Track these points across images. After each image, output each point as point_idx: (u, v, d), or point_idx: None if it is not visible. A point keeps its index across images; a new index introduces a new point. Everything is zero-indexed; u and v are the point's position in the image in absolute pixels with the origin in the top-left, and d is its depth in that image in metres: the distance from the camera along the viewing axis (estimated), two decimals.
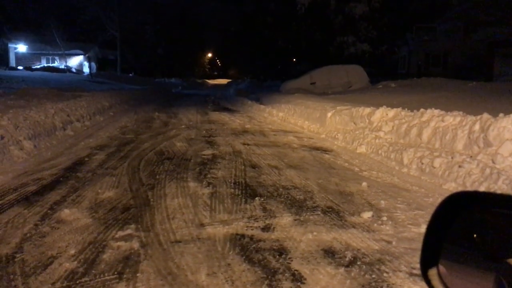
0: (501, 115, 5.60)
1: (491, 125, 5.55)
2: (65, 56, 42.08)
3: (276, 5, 33.94)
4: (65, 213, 4.05)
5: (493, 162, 5.17)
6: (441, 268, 0.89)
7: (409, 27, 29.24)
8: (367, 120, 8.51)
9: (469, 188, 5.07)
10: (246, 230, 3.77)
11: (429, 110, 7.05)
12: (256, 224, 3.91)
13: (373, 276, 2.95)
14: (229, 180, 5.48)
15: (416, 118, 7.15)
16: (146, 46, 47.00)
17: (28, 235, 3.53)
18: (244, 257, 3.20)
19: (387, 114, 8.11)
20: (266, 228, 3.82)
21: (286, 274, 2.94)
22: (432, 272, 0.88)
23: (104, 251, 3.25)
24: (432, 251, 0.90)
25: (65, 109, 9.66)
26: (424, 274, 0.90)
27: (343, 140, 8.61)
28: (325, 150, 7.85)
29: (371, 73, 21.58)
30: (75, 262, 3.04)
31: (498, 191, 4.75)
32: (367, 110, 8.72)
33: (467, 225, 0.90)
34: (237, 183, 5.35)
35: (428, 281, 0.89)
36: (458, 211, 0.89)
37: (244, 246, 3.41)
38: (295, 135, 9.64)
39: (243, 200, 4.66)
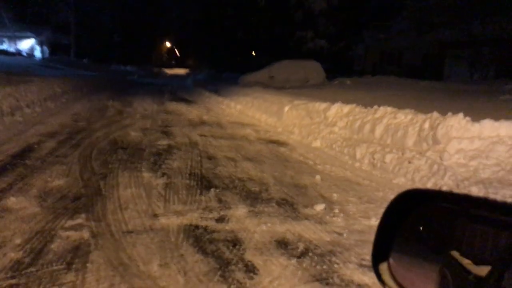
0: (449, 114, 5.84)
1: (440, 123, 5.79)
2: (15, 38, 40.15)
3: None
4: (11, 201, 3.89)
5: (441, 159, 5.40)
6: (391, 262, 0.92)
7: (366, 25, 29.87)
8: (322, 115, 8.66)
9: (417, 183, 5.27)
10: (201, 221, 3.76)
11: (382, 107, 7.26)
12: (210, 215, 3.91)
13: (324, 267, 3.02)
14: (185, 171, 5.44)
15: (369, 115, 7.34)
16: (102, 31, 45.58)
17: None
18: (197, 248, 3.19)
19: (342, 110, 8.28)
20: (220, 219, 3.83)
21: (239, 265, 2.96)
22: (383, 267, 0.91)
23: (53, 241, 3.15)
24: (383, 246, 0.93)
25: (13, 93, 9.22)
26: (375, 268, 0.92)
27: (299, 134, 8.72)
28: (281, 144, 7.92)
29: (328, 69, 21.89)
30: (21, 252, 2.94)
31: (445, 187, 4.97)
32: (323, 105, 8.87)
33: (416, 220, 0.94)
34: (193, 174, 5.32)
35: (378, 275, 0.92)
36: (408, 207, 0.93)
37: (198, 237, 3.40)
38: (253, 128, 9.67)
39: (198, 191, 4.64)
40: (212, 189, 4.71)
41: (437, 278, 0.88)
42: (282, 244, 3.36)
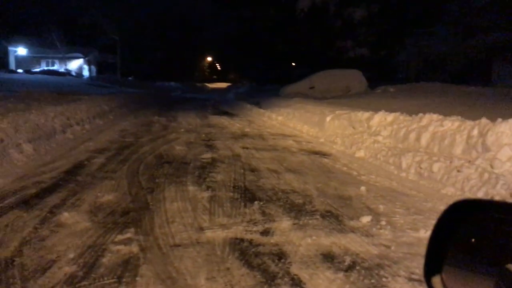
0: (499, 120, 5.62)
1: (490, 130, 5.57)
2: (65, 59, 42.22)
3: (275, 10, 34.00)
4: (65, 216, 4.05)
5: (492, 167, 5.19)
6: (444, 275, 0.90)
7: (408, 32, 29.29)
8: (365, 125, 8.53)
9: (467, 192, 5.09)
10: (245, 234, 3.78)
11: (427, 115, 7.07)
12: (255, 228, 3.92)
13: (372, 281, 2.96)
14: (228, 184, 5.49)
15: (414, 123, 7.17)
16: (145, 50, 47.08)
17: (27, 238, 3.53)
18: (243, 261, 3.21)
19: (385, 119, 8.13)
20: (265, 232, 3.83)
21: (286, 279, 2.95)
22: (436, 280, 0.89)
23: (104, 255, 3.25)
24: (436, 259, 0.91)
25: (64, 112, 9.67)
26: (427, 282, 0.91)
27: (342, 144, 8.62)
28: (324, 154, 7.86)
29: (370, 77, 21.58)
30: (75, 266, 3.05)
31: (497, 196, 4.76)
32: (366, 114, 8.75)
33: (468, 232, 0.92)
34: (236, 187, 5.36)
35: None
36: (460, 218, 0.90)
37: (243, 250, 3.42)
38: (294, 139, 9.66)
39: (242, 204, 4.67)
40: (256, 202, 4.72)
41: None
42: (328, 258, 3.32)
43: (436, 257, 0.91)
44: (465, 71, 23.85)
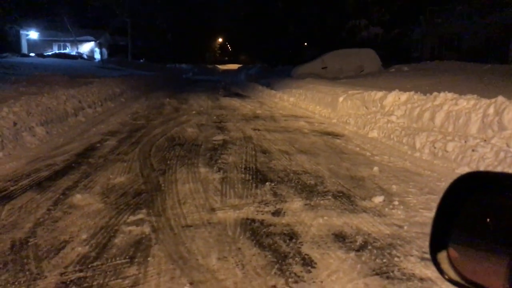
0: None
1: (506, 108, 5.46)
2: (76, 42, 42.25)
3: None
4: (77, 198, 4.08)
5: (508, 146, 5.09)
6: (451, 251, 0.86)
7: (422, 9, 28.70)
8: (379, 104, 8.42)
9: None
10: (257, 214, 3.77)
11: (442, 94, 6.95)
12: (266, 209, 3.91)
13: (384, 260, 2.94)
14: (240, 166, 5.48)
15: (429, 102, 7.05)
16: (156, 32, 46.88)
17: (41, 220, 3.57)
18: (254, 241, 3.20)
19: (399, 98, 8.01)
20: (276, 213, 3.82)
21: (297, 259, 2.94)
22: (442, 255, 0.86)
23: (116, 236, 3.27)
24: (442, 234, 0.87)
25: (76, 95, 9.71)
26: (433, 257, 0.87)
27: (355, 125, 8.54)
28: (336, 135, 7.80)
29: (383, 56, 21.25)
30: (87, 247, 3.07)
31: None
32: (379, 94, 8.63)
33: (479, 206, 0.87)
34: (248, 168, 5.35)
35: (437, 264, 0.86)
36: (469, 192, 0.86)
37: (254, 230, 3.41)
38: (306, 120, 9.59)
39: (254, 185, 4.66)
40: (267, 183, 4.71)
41: (505, 271, 0.81)
42: (340, 238, 3.30)
43: (443, 232, 0.87)
44: (482, 49, 23.34)
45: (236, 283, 2.62)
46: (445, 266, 0.85)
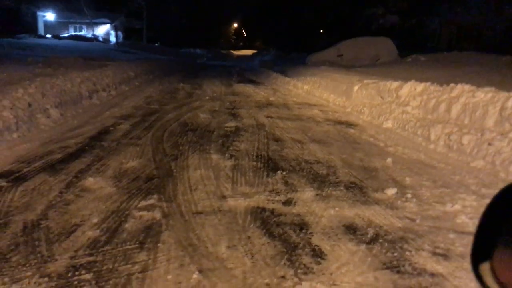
0: None
1: None
2: (92, 24, 42.33)
3: None
4: (90, 181, 4.11)
5: None
6: (495, 262, 0.82)
7: None
8: (394, 95, 8.30)
9: (498, 166, 4.92)
10: (267, 203, 3.75)
11: (459, 85, 6.81)
12: (277, 198, 3.89)
13: (395, 254, 2.90)
14: (252, 153, 5.46)
15: (445, 93, 6.92)
16: (172, 16, 46.74)
17: (53, 202, 3.60)
18: (264, 230, 3.19)
19: (415, 89, 7.88)
20: (287, 202, 3.80)
21: (306, 249, 2.92)
22: (484, 267, 0.82)
23: (127, 220, 3.28)
24: (485, 245, 0.83)
25: (91, 78, 9.73)
26: (474, 269, 0.83)
27: (369, 115, 8.44)
28: (350, 125, 7.72)
29: (400, 46, 20.92)
30: (98, 231, 3.09)
31: None
32: (395, 84, 8.50)
33: None
34: (260, 156, 5.32)
35: (479, 277, 0.82)
36: None
37: (264, 219, 3.40)
38: (320, 109, 9.51)
39: (265, 173, 4.64)
40: (279, 172, 4.68)
41: None
42: (351, 229, 3.27)
43: (486, 242, 0.83)
44: (501, 40, 22.84)
45: (245, 273, 2.61)
46: (488, 278, 0.81)
